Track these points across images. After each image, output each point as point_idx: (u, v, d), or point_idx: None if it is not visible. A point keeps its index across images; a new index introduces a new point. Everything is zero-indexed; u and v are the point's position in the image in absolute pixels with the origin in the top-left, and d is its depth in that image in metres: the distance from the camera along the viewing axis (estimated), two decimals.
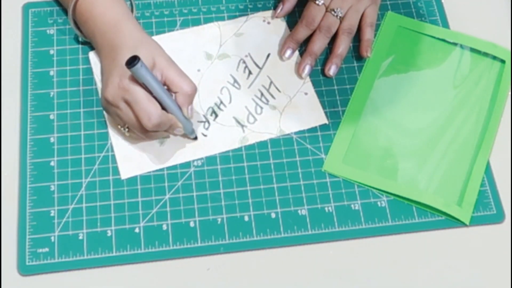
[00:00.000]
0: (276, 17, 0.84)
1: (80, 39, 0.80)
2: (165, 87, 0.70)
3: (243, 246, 0.71)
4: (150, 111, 0.68)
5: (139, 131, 0.71)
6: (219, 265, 0.70)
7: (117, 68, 0.70)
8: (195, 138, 0.76)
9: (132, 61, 0.65)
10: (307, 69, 0.80)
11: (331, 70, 0.80)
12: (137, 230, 0.71)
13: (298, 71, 0.80)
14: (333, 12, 0.80)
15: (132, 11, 0.79)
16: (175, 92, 0.71)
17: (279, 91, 0.80)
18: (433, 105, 0.80)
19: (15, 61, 0.80)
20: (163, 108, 0.70)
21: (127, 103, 0.69)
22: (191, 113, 0.72)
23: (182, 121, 0.72)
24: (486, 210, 0.74)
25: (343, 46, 0.80)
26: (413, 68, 0.82)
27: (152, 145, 0.76)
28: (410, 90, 0.81)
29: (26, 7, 0.83)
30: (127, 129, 0.72)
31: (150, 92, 0.69)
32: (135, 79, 0.68)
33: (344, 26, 0.80)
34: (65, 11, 0.80)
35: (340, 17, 0.80)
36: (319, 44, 0.80)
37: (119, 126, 0.73)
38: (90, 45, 0.80)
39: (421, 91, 0.81)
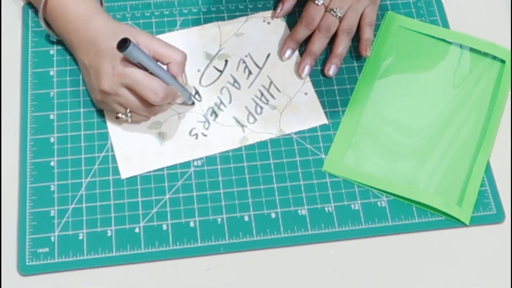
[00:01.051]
0: (276, 17, 0.84)
1: (51, 38, 0.80)
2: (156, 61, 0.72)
3: (243, 246, 0.71)
4: (154, 87, 0.69)
5: (144, 111, 0.72)
6: (219, 265, 0.70)
7: (104, 58, 0.70)
8: (193, 103, 0.78)
9: (123, 44, 0.66)
10: (306, 69, 0.80)
11: (331, 70, 0.80)
12: (137, 230, 0.71)
13: (298, 71, 0.80)
14: (332, 12, 0.80)
15: (101, 4, 0.80)
16: (167, 64, 0.72)
17: (279, 91, 0.80)
18: (433, 105, 0.80)
19: (15, 61, 0.80)
20: None
21: (127, 87, 0.70)
22: (186, 80, 0.74)
23: (180, 90, 0.73)
24: (486, 210, 0.74)
25: (342, 46, 0.80)
26: (413, 68, 0.82)
27: (152, 145, 0.76)
28: (410, 90, 0.81)
29: (26, 7, 0.83)
30: (129, 115, 0.73)
31: (145, 69, 0.69)
32: (128, 61, 0.69)
33: (344, 26, 0.80)
34: (37, 11, 0.79)
35: (339, 17, 0.80)
36: (318, 44, 0.80)
37: (120, 115, 0.73)
38: None
39: (421, 91, 0.81)
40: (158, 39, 0.72)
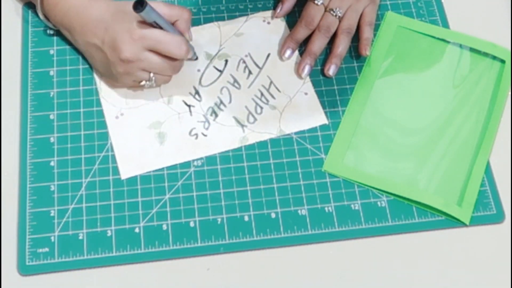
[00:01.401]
0: (276, 17, 0.84)
1: (49, 31, 0.80)
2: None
3: (243, 246, 0.71)
4: (177, 41, 0.72)
5: (170, 70, 0.74)
6: (219, 265, 0.70)
7: (118, 30, 0.71)
8: (196, 58, 0.80)
9: (139, 6, 0.67)
10: (306, 69, 0.80)
11: (331, 70, 0.80)
12: (137, 230, 0.71)
13: (298, 71, 0.80)
14: (332, 12, 0.80)
15: None
16: (174, 22, 0.74)
17: (279, 91, 0.80)
18: (433, 105, 0.80)
19: (15, 61, 0.80)
20: None
21: (149, 48, 0.71)
22: (191, 36, 0.76)
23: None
24: (486, 210, 0.74)
25: (342, 46, 0.80)
26: (413, 68, 0.82)
27: (152, 145, 0.76)
28: (410, 90, 0.81)
29: (26, 7, 0.83)
30: (154, 78, 0.74)
31: (160, 28, 0.72)
32: (144, 24, 0.71)
33: (343, 26, 0.80)
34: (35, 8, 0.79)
35: (339, 16, 0.80)
36: (318, 44, 0.80)
37: (144, 82, 0.74)
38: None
39: (421, 91, 0.81)
40: (162, 1, 0.74)
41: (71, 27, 0.76)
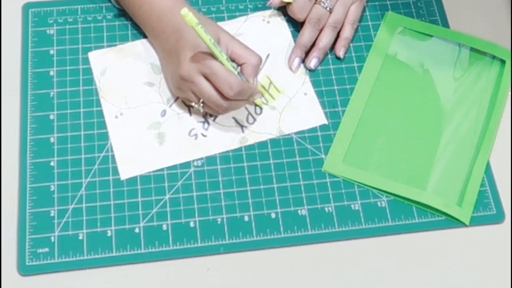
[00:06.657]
0: (271, 4, 0.82)
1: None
2: (233, 62, 0.73)
3: (243, 246, 0.71)
4: (230, 81, 0.70)
5: (216, 103, 0.72)
6: (219, 265, 0.70)
7: (186, 46, 0.72)
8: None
9: None
10: (296, 61, 0.80)
11: (312, 63, 0.80)
12: (137, 230, 0.71)
13: (289, 64, 0.80)
14: (322, 4, 0.80)
15: None
16: (241, 64, 0.73)
17: (278, 91, 0.80)
18: (433, 105, 0.80)
19: (15, 61, 0.80)
20: None
21: (204, 75, 0.71)
22: (256, 83, 0.75)
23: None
24: (486, 210, 0.74)
25: (326, 40, 0.80)
26: (413, 68, 0.82)
27: (152, 145, 0.76)
28: (410, 90, 0.81)
29: (26, 7, 0.83)
30: (202, 105, 0.74)
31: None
32: (210, 54, 0.70)
33: (330, 20, 0.81)
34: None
35: (329, 9, 0.80)
36: (308, 36, 0.80)
37: (193, 104, 0.74)
38: (90, 45, 0.80)
39: (422, 90, 0.81)
40: (238, 41, 0.74)
41: (151, 28, 0.77)
